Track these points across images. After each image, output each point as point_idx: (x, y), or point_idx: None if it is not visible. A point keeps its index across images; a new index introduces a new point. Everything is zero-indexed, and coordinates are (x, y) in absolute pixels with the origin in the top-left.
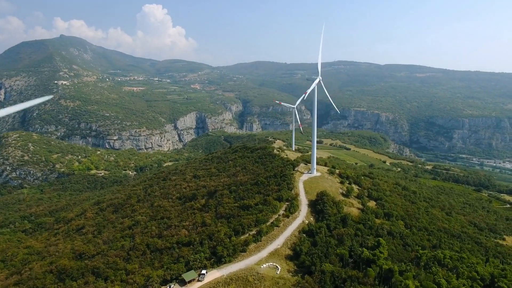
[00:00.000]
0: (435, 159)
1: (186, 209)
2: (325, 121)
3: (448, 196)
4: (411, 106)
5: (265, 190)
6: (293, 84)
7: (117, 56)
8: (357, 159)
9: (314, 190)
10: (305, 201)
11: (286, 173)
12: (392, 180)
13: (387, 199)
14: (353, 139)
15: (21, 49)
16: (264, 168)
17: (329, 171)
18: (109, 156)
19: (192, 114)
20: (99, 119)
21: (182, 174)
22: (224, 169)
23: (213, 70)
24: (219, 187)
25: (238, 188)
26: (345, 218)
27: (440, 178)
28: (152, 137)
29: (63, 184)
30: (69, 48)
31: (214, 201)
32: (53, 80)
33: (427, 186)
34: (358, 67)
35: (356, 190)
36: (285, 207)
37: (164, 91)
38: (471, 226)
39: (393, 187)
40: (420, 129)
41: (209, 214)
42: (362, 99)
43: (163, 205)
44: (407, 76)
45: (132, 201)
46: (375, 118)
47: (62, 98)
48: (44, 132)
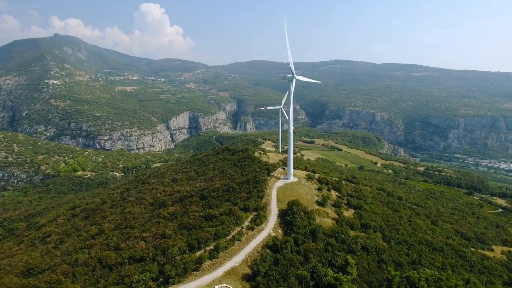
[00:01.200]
0: (430, 159)
1: (154, 217)
2: (319, 121)
3: (437, 201)
4: (407, 105)
5: (234, 198)
6: (288, 83)
7: (112, 55)
8: (347, 160)
9: (288, 198)
10: (275, 211)
11: (259, 179)
12: (378, 185)
13: (367, 208)
14: (347, 139)
15: (13, 48)
16: (241, 173)
17: (308, 176)
18: (97, 157)
19: (185, 114)
20: (89, 119)
21: (162, 177)
22: (203, 173)
23: (208, 70)
24: (192, 192)
25: (210, 194)
26: (315, 231)
27: (431, 180)
28: (143, 137)
29: (47, 186)
30: (63, 47)
31: (182, 209)
32: (44, 79)
33: (416, 190)
34: (354, 66)
35: (334, 198)
36: (251, 218)
37: (157, 90)
38: (458, 236)
39: (377, 193)
40: (415, 128)
41: (173, 224)
42: (358, 98)
43: (133, 212)
44: (403, 75)
45: (105, 206)
46: (370, 118)
47: (52, 98)
48: (33, 133)
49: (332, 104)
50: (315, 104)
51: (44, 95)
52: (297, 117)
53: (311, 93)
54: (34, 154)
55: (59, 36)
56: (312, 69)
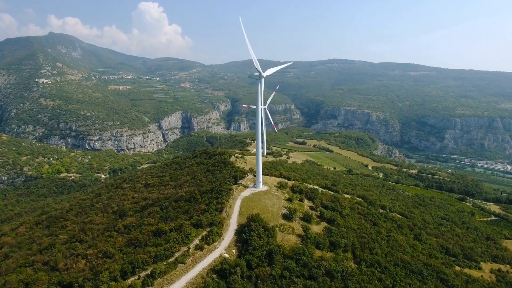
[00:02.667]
0: (426, 160)
1: (109, 229)
2: (314, 121)
3: (425, 209)
4: (403, 105)
5: (193, 210)
6: (284, 82)
7: (108, 54)
8: (337, 162)
9: (251, 211)
10: (234, 226)
11: (222, 188)
12: (362, 191)
13: (340, 221)
14: (340, 140)
15: (5, 46)
16: (210, 180)
17: (279, 184)
18: (83, 158)
19: (177, 114)
20: (79, 119)
21: (136, 181)
22: (177, 178)
23: (204, 69)
24: (157, 201)
25: (171, 204)
26: (272, 252)
27: (423, 184)
28: (134, 138)
29: (29, 188)
30: (57, 45)
31: (139, 220)
32: (34, 78)
33: (404, 196)
34: (352, 65)
35: (305, 209)
36: (203, 236)
37: (151, 89)
38: (443, 252)
39: (356, 202)
40: (411, 129)
41: (123, 239)
42: (354, 98)
43: (93, 221)
44: (400, 74)
45: (70, 214)
46: (366, 118)
47: (42, 97)
48: (21, 133)
49: (327, 103)
50: (310, 103)
51: (34, 94)
52: (292, 116)
53: (307, 92)
54: (18, 155)
55: (54, 34)
56: (308, 68)
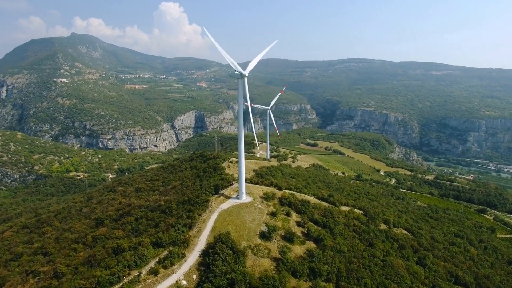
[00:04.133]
0: (446, 164)
1: (79, 239)
2: (330, 121)
3: (437, 223)
4: (423, 106)
5: (164, 224)
6: (301, 82)
7: (127, 53)
8: (347, 167)
9: (226, 227)
10: (202, 245)
11: (197, 200)
12: (365, 202)
13: (328, 242)
14: (354, 142)
15: (29, 47)
16: (192, 188)
17: (266, 195)
18: (93, 157)
19: (190, 113)
20: (93, 118)
21: (130, 185)
22: (168, 182)
23: (221, 68)
24: (137, 209)
25: (145, 215)
26: (234, 282)
27: (438, 192)
28: (147, 137)
29: (38, 187)
30: (78, 45)
31: (109, 232)
32: (53, 77)
33: (414, 206)
34: (371, 64)
35: (289, 226)
36: (162, 257)
37: (166, 89)
38: (451, 280)
39: (354, 216)
40: (431, 130)
41: (84, 254)
42: (371, 98)
43: (72, 229)
44: (422, 74)
45: (56, 219)
46: (383, 119)
47: (59, 96)
48: (38, 131)
49: (344, 103)
50: (326, 103)
51: (52, 94)
52: (307, 117)
53: (323, 92)
54: (30, 153)
55: (75, 35)
56: (326, 67)
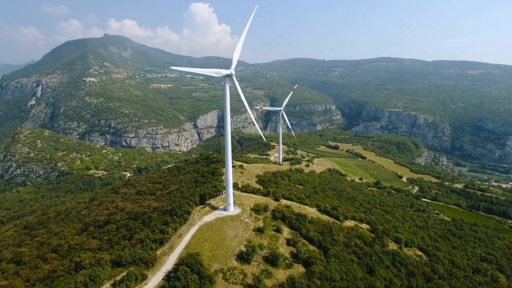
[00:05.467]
0: (481, 169)
1: (56, 248)
2: (355, 123)
3: (461, 242)
4: (456, 107)
5: (138, 237)
6: (327, 81)
7: (156, 53)
8: (366, 172)
9: (202, 245)
10: (170, 265)
11: (179, 211)
12: (377, 215)
13: (317, 268)
14: (378, 144)
15: (64, 48)
16: (185, 194)
17: (257, 207)
18: (113, 156)
19: (213, 113)
20: (118, 116)
21: (133, 187)
22: (168, 186)
23: (248, 67)
24: (126, 215)
25: (127, 223)
26: None
27: (466, 204)
28: (169, 136)
29: (59, 183)
30: (109, 46)
31: (84, 239)
32: (82, 77)
33: (435, 221)
34: (401, 63)
35: (276, 245)
36: (118, 279)
37: (191, 88)
38: None
39: (358, 234)
40: (465, 134)
41: (50, 267)
42: (399, 98)
43: (61, 233)
44: (456, 73)
45: (53, 221)
46: (412, 120)
47: (87, 95)
48: (66, 128)
49: (370, 104)
50: (352, 104)
51: (81, 93)
52: (331, 117)
53: (349, 92)
54: (55, 150)
55: (108, 36)
56: (354, 67)
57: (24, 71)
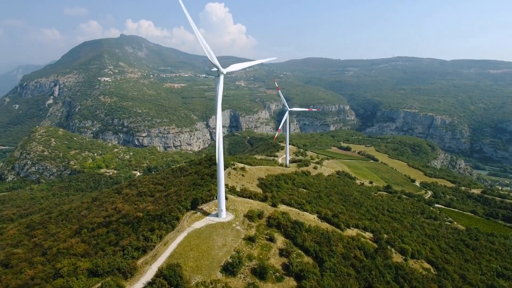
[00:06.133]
0: (502, 173)
1: (46, 251)
2: (370, 123)
3: (474, 254)
4: (476, 108)
5: (124, 243)
6: (342, 81)
7: (171, 53)
8: (378, 175)
9: (188, 254)
10: (150, 276)
11: (167, 216)
12: (384, 222)
13: (312, 280)
14: (392, 146)
15: (81, 49)
16: (181, 197)
17: (250, 213)
18: (125, 154)
19: (225, 112)
20: (131, 115)
21: (136, 187)
22: (169, 187)
23: (262, 67)
24: (121, 217)
25: (118, 227)
26: None
27: (483, 211)
28: (181, 135)
29: (70, 182)
30: (125, 46)
31: (73, 245)
32: (97, 76)
33: (447, 229)
34: (418, 63)
35: (268, 256)
36: None
37: (204, 88)
38: None
39: (359, 244)
40: (485, 135)
41: (31, 273)
42: (416, 99)
43: (56, 235)
44: (477, 73)
45: (52, 221)
46: (428, 122)
47: (101, 94)
48: (81, 127)
49: (385, 105)
50: (367, 104)
51: (95, 92)
52: (345, 118)
53: (364, 93)
54: (68, 149)
55: (124, 36)
56: (370, 66)
57: (43, 71)
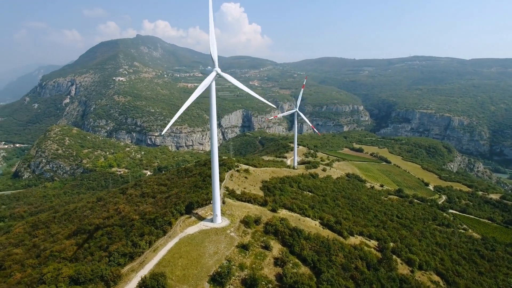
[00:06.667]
0: None
1: (41, 253)
2: (384, 124)
3: (490, 267)
4: (497, 108)
5: (113, 248)
6: (357, 81)
7: (186, 53)
8: (389, 178)
9: (177, 262)
10: (134, 284)
11: (159, 221)
12: (391, 229)
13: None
14: (406, 148)
15: (98, 49)
16: (181, 199)
17: (247, 219)
18: (136, 154)
19: (238, 112)
20: (144, 115)
21: (140, 187)
22: (172, 188)
23: (275, 67)
24: (119, 219)
25: (112, 230)
26: None
27: (502, 218)
28: (193, 135)
29: (82, 180)
30: (140, 46)
31: (67, 247)
32: (112, 76)
33: (463, 237)
34: (436, 62)
35: (261, 265)
36: None
37: (218, 87)
38: None
39: (361, 254)
40: (505, 137)
41: (11, 281)
42: (433, 99)
43: (56, 235)
44: (498, 72)
45: (57, 220)
46: (445, 123)
47: (116, 94)
48: (96, 126)
49: (400, 105)
50: (381, 104)
51: (110, 91)
52: (359, 118)
53: (379, 93)
54: (81, 147)
55: (140, 36)
56: (386, 66)
57: (62, 71)
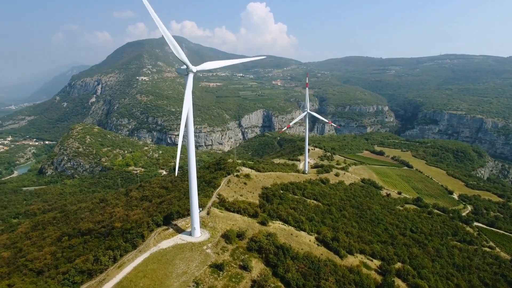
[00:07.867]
0: None
1: (25, 255)
2: (410, 126)
3: None
4: None
5: (78, 262)
6: (382, 81)
7: (211, 53)
8: (409, 184)
9: (139, 282)
10: None
11: (131, 233)
12: (401, 246)
13: None
14: (432, 151)
15: (125, 49)
16: (173, 205)
17: (228, 233)
18: (154, 153)
19: (258, 112)
20: (165, 114)
21: (143, 190)
22: (170, 192)
23: (299, 66)
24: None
25: (92, 238)
26: None
27: None
28: (212, 134)
29: (99, 178)
30: (165, 46)
31: (45, 253)
32: (136, 76)
33: (488, 257)
34: (469, 61)
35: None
36: None
37: (239, 87)
38: None
39: (357, 281)
40: None
41: None
42: (464, 99)
43: (47, 239)
44: None
45: (54, 222)
46: (477, 125)
47: (138, 93)
48: (118, 125)
49: (428, 105)
50: (408, 105)
51: (133, 91)
52: (384, 119)
53: (406, 93)
54: (101, 146)
55: None
56: (413, 65)
57: (90, 71)
